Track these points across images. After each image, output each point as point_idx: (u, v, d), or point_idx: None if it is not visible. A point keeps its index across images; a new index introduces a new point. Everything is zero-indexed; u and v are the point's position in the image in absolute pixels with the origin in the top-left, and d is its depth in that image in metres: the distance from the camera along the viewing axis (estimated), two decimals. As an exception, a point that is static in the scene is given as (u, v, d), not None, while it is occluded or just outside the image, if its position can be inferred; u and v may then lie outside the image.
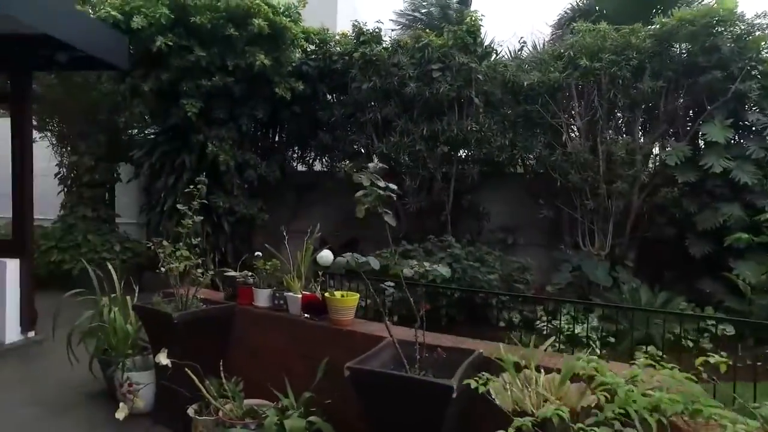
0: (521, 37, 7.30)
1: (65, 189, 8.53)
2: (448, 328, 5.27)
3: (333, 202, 8.00)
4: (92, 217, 8.31)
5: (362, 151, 7.04)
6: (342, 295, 3.12)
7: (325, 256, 3.66)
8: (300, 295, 3.28)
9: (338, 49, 7.31)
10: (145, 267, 8.05)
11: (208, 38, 6.47)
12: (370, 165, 2.37)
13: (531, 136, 6.77)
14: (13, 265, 5.15)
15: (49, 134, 8.58)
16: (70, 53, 4.80)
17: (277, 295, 3.42)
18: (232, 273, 3.74)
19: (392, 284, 2.48)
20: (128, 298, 4.17)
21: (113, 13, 6.19)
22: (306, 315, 3.24)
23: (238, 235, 7.56)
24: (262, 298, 3.52)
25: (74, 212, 8.31)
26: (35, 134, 7.10)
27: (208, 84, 6.51)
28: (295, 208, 8.33)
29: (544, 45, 8.92)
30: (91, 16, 6.27)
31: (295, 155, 8.26)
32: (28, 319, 5.29)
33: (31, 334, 5.32)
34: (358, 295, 3.13)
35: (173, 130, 7.25)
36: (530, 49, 8.18)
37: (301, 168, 8.43)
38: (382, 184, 2.36)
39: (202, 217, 3.62)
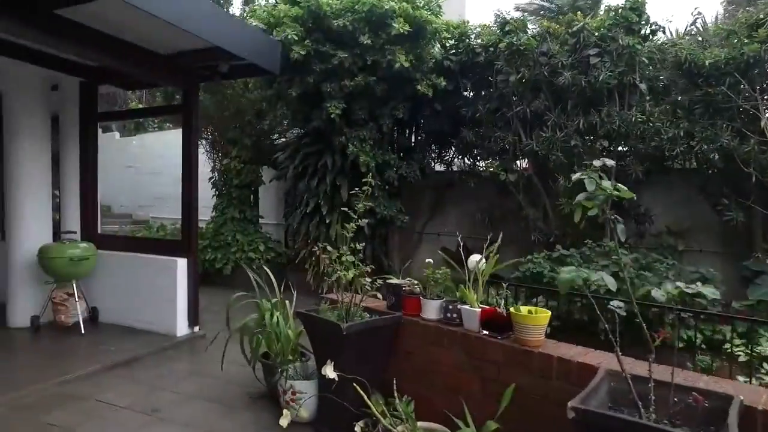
0: (695, 8, 6.16)
1: (217, 192, 9.18)
2: (607, 347, 4.59)
3: (471, 203, 7.61)
4: (239, 218, 8.84)
5: (507, 148, 6.52)
6: (529, 311, 2.71)
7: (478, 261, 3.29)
8: (478, 309, 2.93)
9: (480, 41, 6.87)
10: (285, 267, 8.39)
11: (349, 41, 6.44)
12: (595, 162, 1.95)
13: (712, 125, 5.72)
14: (182, 264, 5.49)
15: (204, 142, 9.30)
16: (233, 62, 4.96)
17: (450, 307, 3.10)
18: (395, 281, 3.51)
19: (621, 305, 2.03)
20: (287, 302, 4.19)
21: (261, 26, 6.46)
22: (485, 332, 2.88)
23: (377, 237, 7.49)
24: (431, 309, 3.23)
25: (224, 213, 8.91)
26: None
27: (351, 84, 6.47)
28: (432, 209, 8.09)
29: (717, 18, 7.62)
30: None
31: (434, 154, 7.98)
32: (193, 315, 5.63)
33: (196, 328, 5.65)
34: (549, 313, 2.70)
35: (315, 132, 7.37)
36: (698, 26, 6.99)
37: (438, 167, 8.14)
38: (610, 184, 1.92)
39: (368, 220, 3.45)
